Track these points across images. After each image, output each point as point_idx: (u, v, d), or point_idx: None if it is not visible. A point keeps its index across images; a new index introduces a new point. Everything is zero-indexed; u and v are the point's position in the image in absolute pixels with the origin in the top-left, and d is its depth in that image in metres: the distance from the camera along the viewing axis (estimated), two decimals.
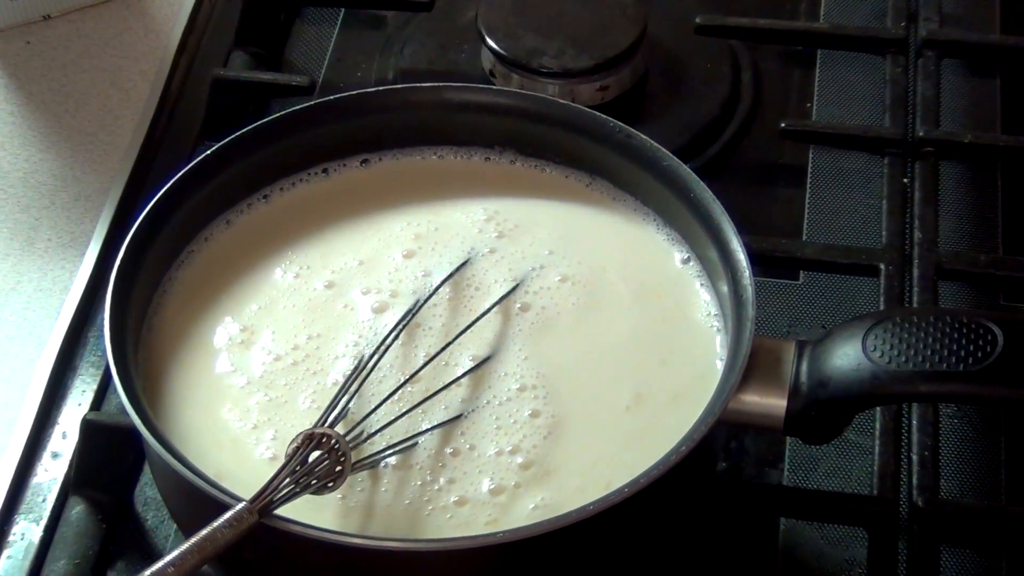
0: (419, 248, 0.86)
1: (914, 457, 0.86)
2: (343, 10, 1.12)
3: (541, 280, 0.84)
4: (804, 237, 0.99)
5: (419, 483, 0.75)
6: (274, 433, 0.78)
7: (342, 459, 0.73)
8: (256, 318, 0.82)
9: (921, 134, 1.02)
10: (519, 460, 0.75)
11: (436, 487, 0.75)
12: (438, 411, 0.78)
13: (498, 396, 0.78)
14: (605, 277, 0.84)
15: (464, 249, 0.85)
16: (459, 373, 0.79)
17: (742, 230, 0.80)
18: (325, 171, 0.89)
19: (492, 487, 0.75)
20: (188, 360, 0.80)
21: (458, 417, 0.78)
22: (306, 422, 0.77)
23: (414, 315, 0.82)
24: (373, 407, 0.77)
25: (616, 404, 0.78)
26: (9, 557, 0.84)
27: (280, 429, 0.78)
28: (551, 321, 0.82)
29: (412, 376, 0.79)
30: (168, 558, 0.67)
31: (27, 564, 0.83)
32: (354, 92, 0.88)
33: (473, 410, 0.78)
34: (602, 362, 0.80)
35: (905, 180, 1.00)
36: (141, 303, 0.81)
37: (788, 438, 0.88)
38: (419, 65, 1.08)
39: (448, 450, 0.76)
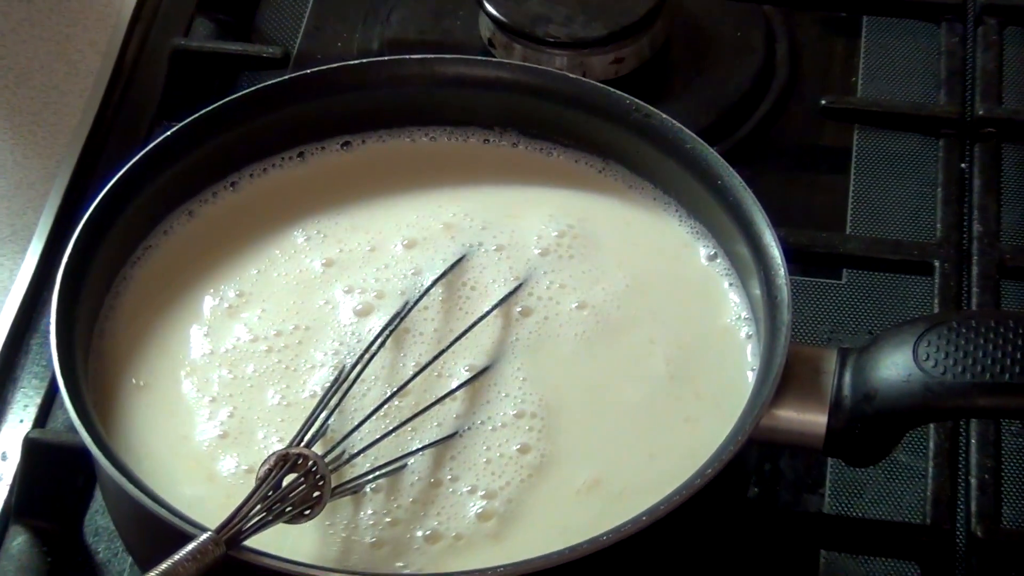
0: (408, 242, 0.86)
1: (972, 481, 0.86)
2: None
3: (546, 280, 0.84)
4: (848, 230, 0.99)
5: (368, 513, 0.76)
6: (231, 411, 0.79)
7: (320, 483, 0.73)
8: (220, 320, 0.83)
9: (981, 112, 1.02)
10: (481, 508, 0.76)
11: (369, 522, 0.75)
12: (430, 428, 0.79)
13: (493, 419, 0.79)
14: (619, 277, 0.84)
15: (459, 244, 0.86)
16: (454, 385, 0.80)
17: (777, 222, 0.81)
18: (301, 155, 0.90)
19: (428, 534, 0.75)
20: (145, 370, 0.81)
21: (453, 435, 0.78)
22: (274, 418, 0.78)
23: (402, 319, 0.82)
24: (356, 424, 0.78)
25: (616, 438, 0.78)
26: None
27: (239, 407, 0.79)
28: (556, 331, 0.82)
29: (400, 389, 0.79)
30: None
31: None
32: (334, 65, 0.89)
33: (469, 428, 0.79)
34: (611, 384, 0.80)
35: (963, 165, 1.00)
36: (92, 305, 0.82)
37: (829, 459, 0.88)
38: (408, 34, 1.08)
39: (431, 479, 0.77)
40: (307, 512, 0.73)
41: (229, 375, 0.80)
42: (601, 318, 0.83)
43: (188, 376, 0.81)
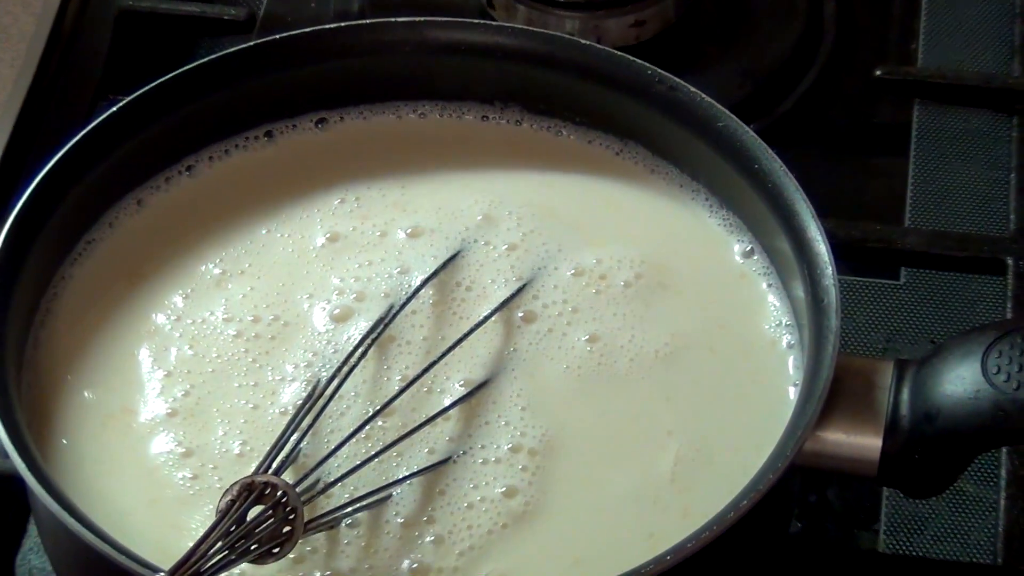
0: (394, 236, 0.86)
1: None
2: None
3: (553, 282, 0.84)
4: (906, 223, 1.00)
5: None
6: (188, 389, 0.81)
7: (291, 516, 0.74)
8: (172, 325, 0.83)
9: None
10: (416, 565, 0.76)
11: (347, 562, 0.76)
12: (419, 453, 0.79)
13: (488, 448, 0.79)
14: (638, 279, 0.85)
15: (452, 238, 0.86)
16: (446, 403, 0.80)
17: (823, 213, 0.81)
18: (269, 134, 0.90)
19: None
20: (88, 383, 0.81)
21: (445, 461, 0.79)
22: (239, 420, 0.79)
23: (387, 325, 0.83)
24: (332, 448, 0.78)
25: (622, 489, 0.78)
26: None
27: (196, 384, 0.81)
28: (560, 344, 0.82)
29: (384, 407, 0.80)
30: None
31: None
32: (307, 29, 0.89)
33: (464, 453, 0.79)
34: (610, 452, 0.79)
35: None
36: (25, 310, 0.82)
37: (885, 489, 0.88)
38: None
39: (400, 519, 0.77)
40: (276, 550, 0.73)
41: (182, 393, 0.81)
42: (613, 292, 0.83)
43: (138, 391, 0.81)
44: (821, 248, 0.79)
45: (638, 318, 0.83)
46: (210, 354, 0.82)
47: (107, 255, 0.86)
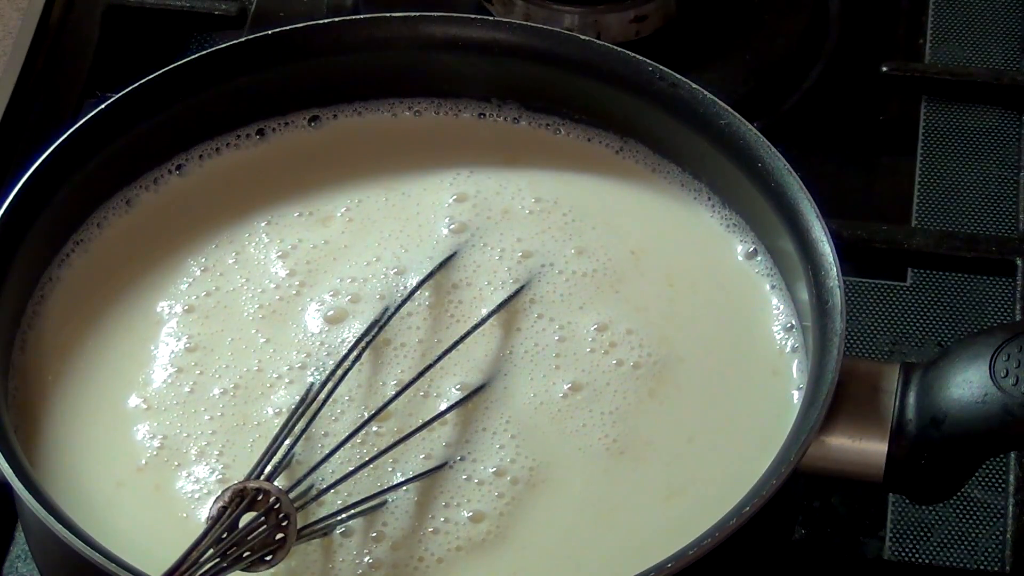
0: (389, 235, 0.87)
1: None
2: None
3: (550, 282, 0.85)
4: (913, 223, 1.00)
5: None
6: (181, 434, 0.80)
7: (284, 523, 0.74)
8: (164, 327, 0.84)
9: None
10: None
11: (342, 569, 0.76)
12: (415, 459, 0.79)
13: (476, 467, 0.79)
14: (640, 286, 0.85)
15: (449, 239, 0.87)
16: (442, 407, 0.81)
17: (828, 213, 0.81)
18: (260, 132, 0.91)
19: None
20: (77, 386, 0.82)
21: (442, 467, 0.79)
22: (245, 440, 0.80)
23: (382, 328, 0.83)
24: (326, 453, 0.78)
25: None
26: None
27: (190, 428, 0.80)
28: (554, 351, 0.83)
29: (379, 411, 0.80)
30: None
31: None
32: (299, 25, 0.89)
33: (461, 459, 0.79)
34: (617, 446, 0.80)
35: None
36: (11, 313, 0.82)
37: (891, 495, 0.89)
38: None
39: (373, 532, 0.78)
40: (268, 558, 0.74)
41: (181, 394, 0.81)
42: (611, 300, 0.84)
43: (130, 395, 0.82)
44: (826, 249, 0.80)
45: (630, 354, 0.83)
46: (199, 389, 0.82)
47: (95, 256, 0.86)
